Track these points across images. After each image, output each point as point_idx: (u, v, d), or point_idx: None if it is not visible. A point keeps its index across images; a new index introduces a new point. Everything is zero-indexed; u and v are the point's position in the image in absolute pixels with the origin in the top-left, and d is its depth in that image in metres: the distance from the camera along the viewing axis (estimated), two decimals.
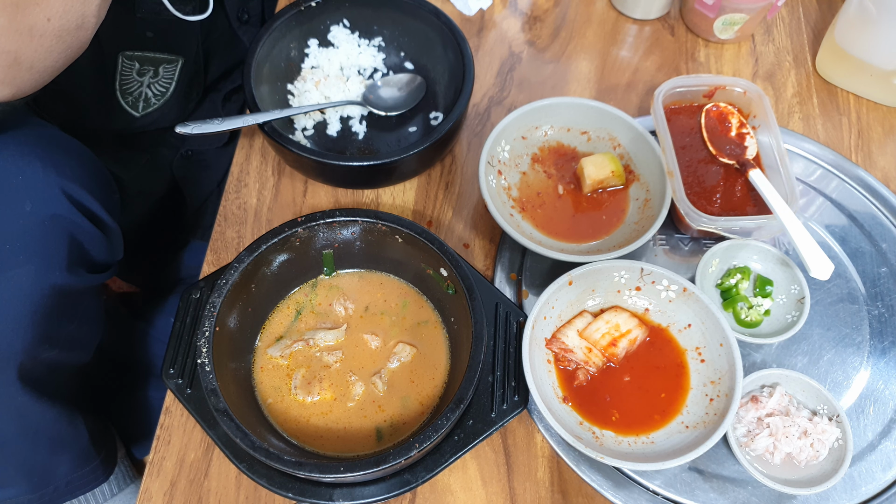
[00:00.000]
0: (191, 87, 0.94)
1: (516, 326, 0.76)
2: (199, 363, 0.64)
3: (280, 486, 0.66)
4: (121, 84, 0.89)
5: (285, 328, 0.76)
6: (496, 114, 0.97)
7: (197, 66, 0.93)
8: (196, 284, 0.78)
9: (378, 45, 0.97)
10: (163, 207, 1.05)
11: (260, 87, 0.87)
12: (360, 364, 0.74)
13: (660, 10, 1.06)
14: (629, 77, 1.02)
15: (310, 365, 0.73)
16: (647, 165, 0.85)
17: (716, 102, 0.89)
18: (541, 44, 1.04)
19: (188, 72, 0.92)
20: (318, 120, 0.93)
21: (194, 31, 0.90)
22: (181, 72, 0.91)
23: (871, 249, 0.86)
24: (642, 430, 0.71)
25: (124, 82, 0.89)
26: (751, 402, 0.73)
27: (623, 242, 0.79)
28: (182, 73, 0.91)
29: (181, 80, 0.92)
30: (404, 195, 0.90)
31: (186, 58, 0.91)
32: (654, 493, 0.71)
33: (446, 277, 0.72)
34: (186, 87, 0.94)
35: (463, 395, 0.64)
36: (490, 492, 0.72)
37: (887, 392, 0.78)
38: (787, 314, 0.79)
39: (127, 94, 0.90)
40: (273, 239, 0.71)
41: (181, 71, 0.91)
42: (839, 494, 0.72)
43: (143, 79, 0.89)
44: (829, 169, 0.92)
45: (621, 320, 0.76)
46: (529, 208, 0.85)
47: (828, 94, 1.01)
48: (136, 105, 0.91)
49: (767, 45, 1.06)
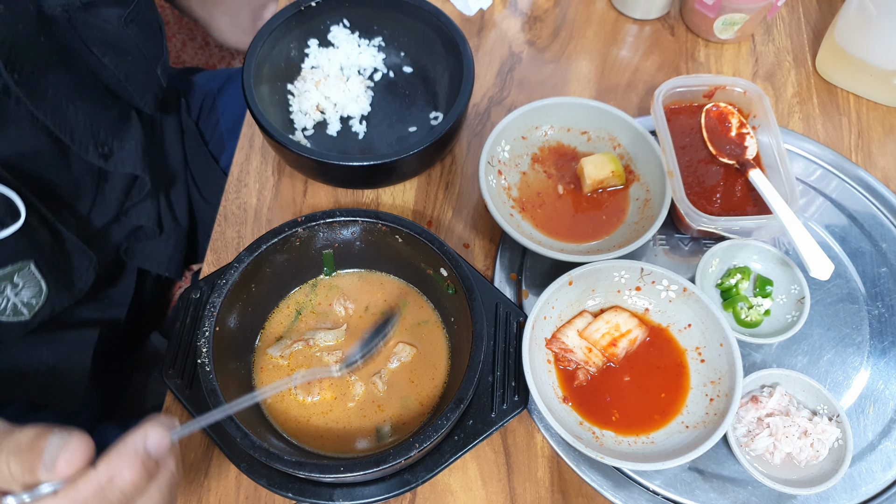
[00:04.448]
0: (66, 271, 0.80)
1: (516, 326, 0.76)
2: (199, 363, 0.64)
3: (280, 486, 0.66)
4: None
5: (285, 328, 0.76)
6: (496, 114, 0.97)
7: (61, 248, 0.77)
8: (196, 284, 0.78)
9: (378, 45, 0.97)
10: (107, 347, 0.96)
11: (260, 87, 0.87)
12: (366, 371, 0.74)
13: (660, 10, 1.06)
14: (629, 77, 1.02)
15: (310, 365, 0.73)
16: (647, 165, 0.85)
17: (716, 102, 0.89)
18: (541, 44, 1.04)
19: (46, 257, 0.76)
20: (318, 120, 0.93)
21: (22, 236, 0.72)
22: (41, 269, 0.76)
23: (871, 249, 0.86)
24: (642, 430, 0.71)
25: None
26: (751, 402, 0.73)
27: (623, 242, 0.79)
28: (44, 272, 0.76)
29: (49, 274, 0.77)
30: (404, 195, 0.90)
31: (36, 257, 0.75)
32: (654, 493, 0.71)
33: (446, 277, 0.72)
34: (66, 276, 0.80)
35: (463, 395, 0.64)
36: (490, 492, 0.72)
37: (887, 392, 0.78)
38: (787, 314, 0.79)
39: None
40: (273, 239, 0.71)
41: (40, 268, 0.76)
42: (839, 494, 0.72)
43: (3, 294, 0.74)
44: (829, 169, 0.92)
45: (621, 320, 0.76)
46: (529, 208, 0.85)
47: (828, 94, 1.01)
48: (19, 313, 0.76)
49: (767, 45, 1.06)
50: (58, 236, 0.77)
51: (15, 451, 0.43)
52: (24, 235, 0.70)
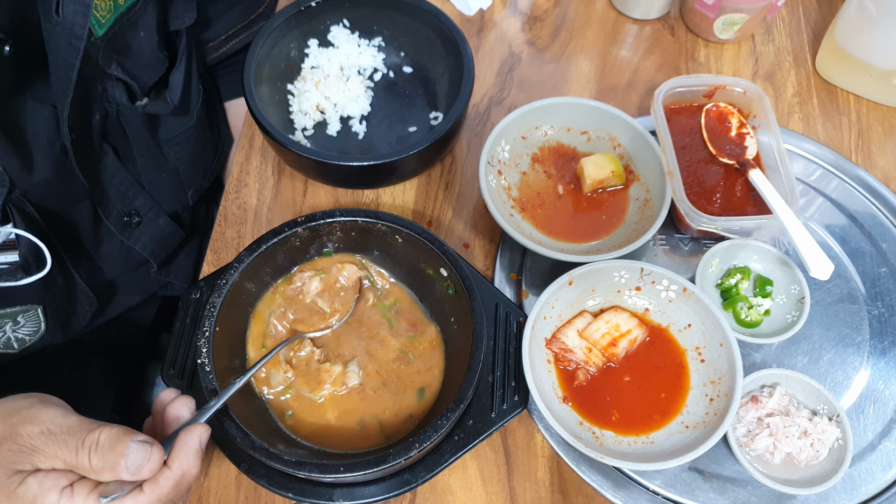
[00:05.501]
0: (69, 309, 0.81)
1: (516, 326, 0.76)
2: (199, 363, 0.64)
3: (280, 486, 0.66)
4: None
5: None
6: (496, 114, 0.97)
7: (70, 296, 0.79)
8: (196, 284, 0.78)
9: (378, 45, 0.97)
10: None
11: (260, 87, 0.87)
12: (359, 363, 0.73)
13: (660, 10, 1.06)
14: (629, 77, 1.02)
15: (310, 364, 0.73)
16: (647, 165, 0.85)
17: (716, 102, 0.89)
18: (541, 44, 1.04)
19: (55, 303, 0.78)
20: (318, 120, 0.93)
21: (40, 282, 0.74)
22: (46, 313, 0.78)
23: (871, 249, 0.86)
24: (642, 430, 0.71)
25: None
26: (751, 402, 0.73)
27: (623, 242, 0.79)
28: (48, 315, 0.78)
29: (51, 316, 0.78)
30: (404, 195, 0.90)
31: (45, 302, 0.77)
32: (654, 493, 0.71)
33: (446, 277, 0.72)
34: (65, 319, 0.81)
35: (463, 395, 0.64)
36: (490, 492, 0.72)
37: (887, 392, 0.78)
38: (787, 314, 0.79)
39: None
40: (273, 239, 0.71)
41: (45, 312, 0.78)
42: (839, 494, 0.72)
43: (2, 330, 0.76)
44: (829, 169, 0.92)
45: (621, 320, 0.76)
46: (529, 208, 0.85)
47: (828, 94, 1.01)
48: (9, 346, 0.78)
49: (767, 45, 1.06)
50: (70, 283, 0.78)
51: (95, 448, 0.51)
52: (41, 282, 0.72)
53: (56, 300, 0.78)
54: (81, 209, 0.79)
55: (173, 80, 0.82)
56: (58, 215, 0.75)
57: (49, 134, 0.70)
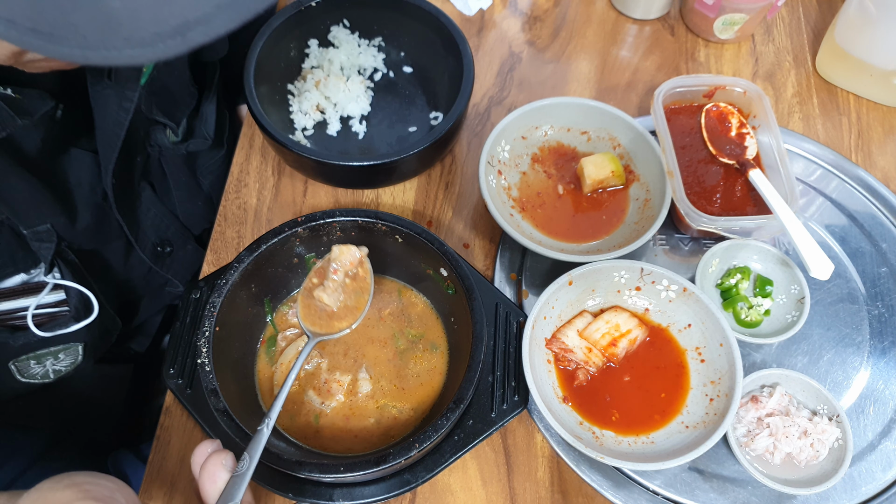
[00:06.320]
0: (103, 339, 0.83)
1: (516, 326, 0.76)
2: (199, 363, 0.64)
3: (280, 486, 0.66)
4: (19, 370, 0.79)
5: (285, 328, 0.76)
6: (496, 114, 0.97)
7: (104, 328, 0.81)
8: (196, 284, 0.78)
9: (378, 45, 0.97)
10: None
11: (260, 87, 0.87)
12: (359, 363, 0.74)
13: (660, 10, 1.06)
14: (629, 77, 1.02)
15: (317, 375, 0.73)
16: (647, 165, 0.85)
17: (716, 102, 0.89)
18: (541, 44, 1.04)
19: (94, 338, 0.80)
20: (318, 120, 0.93)
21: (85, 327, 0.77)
22: (86, 348, 0.80)
23: (871, 249, 0.86)
24: (642, 430, 0.71)
25: (22, 369, 0.79)
26: (751, 402, 0.73)
27: (623, 242, 0.79)
28: (87, 348, 0.81)
29: (89, 349, 0.81)
30: (404, 195, 0.90)
31: (87, 339, 0.80)
32: (654, 493, 0.71)
33: (446, 277, 0.72)
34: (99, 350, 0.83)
35: (463, 395, 0.64)
36: (490, 492, 0.72)
37: (887, 392, 0.78)
38: (787, 314, 0.79)
39: (26, 375, 0.80)
40: (273, 239, 0.71)
41: (85, 347, 0.80)
42: (839, 494, 0.72)
43: (42, 365, 0.79)
44: (829, 169, 0.92)
45: (621, 320, 0.76)
46: (529, 208, 0.85)
47: (828, 94, 1.01)
48: (46, 377, 0.81)
49: (767, 45, 1.06)
50: (103, 314, 0.79)
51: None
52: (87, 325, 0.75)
53: (94, 335, 0.80)
54: (115, 245, 0.81)
55: (206, 112, 0.83)
56: (93, 255, 0.77)
57: (91, 181, 0.72)
